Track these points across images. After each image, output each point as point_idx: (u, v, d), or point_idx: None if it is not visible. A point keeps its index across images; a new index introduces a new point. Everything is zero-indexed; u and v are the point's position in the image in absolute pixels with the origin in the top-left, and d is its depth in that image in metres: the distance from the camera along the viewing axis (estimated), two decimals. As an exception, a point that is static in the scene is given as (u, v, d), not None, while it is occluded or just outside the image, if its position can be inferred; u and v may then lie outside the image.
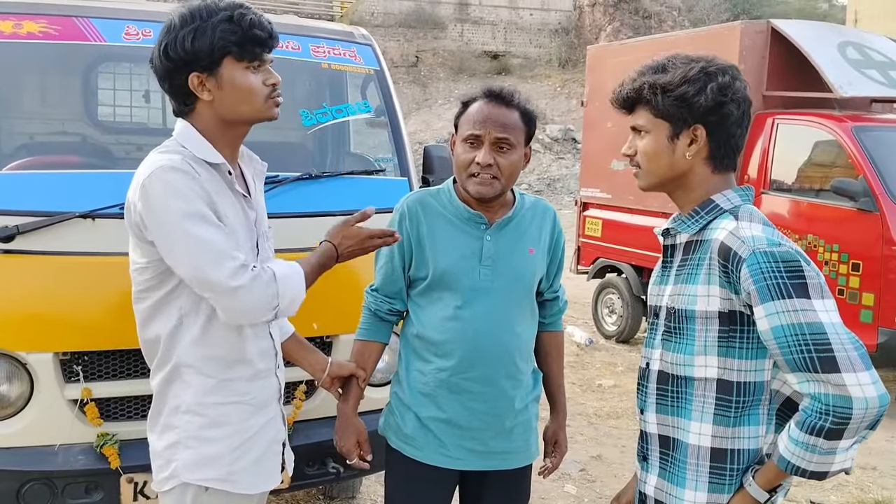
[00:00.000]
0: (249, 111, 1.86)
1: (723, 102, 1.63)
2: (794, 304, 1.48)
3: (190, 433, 1.87)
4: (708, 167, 1.69)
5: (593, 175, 8.01)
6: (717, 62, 1.67)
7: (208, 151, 1.84)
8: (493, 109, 2.11)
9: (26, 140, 3.23)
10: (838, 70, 6.21)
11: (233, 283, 1.72)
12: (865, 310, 5.61)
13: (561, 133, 24.35)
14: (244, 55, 1.81)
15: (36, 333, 2.50)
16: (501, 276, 2.15)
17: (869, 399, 1.43)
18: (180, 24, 1.79)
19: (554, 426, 2.39)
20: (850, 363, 1.44)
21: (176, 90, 1.83)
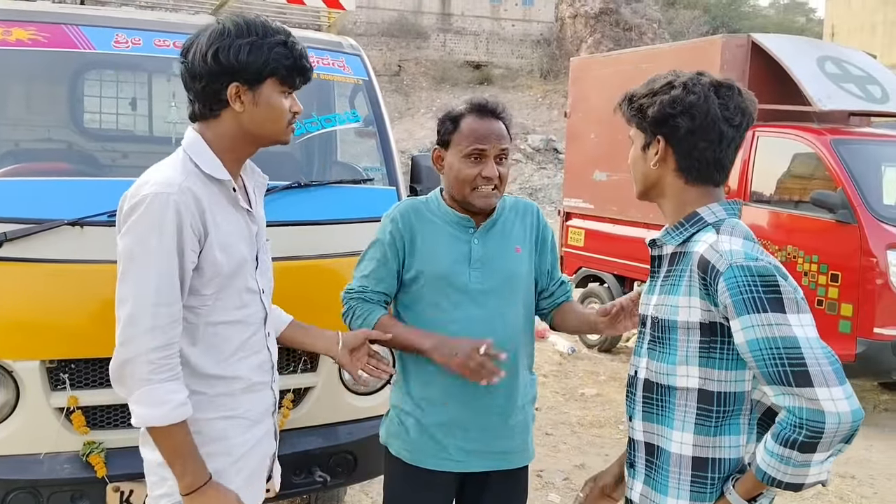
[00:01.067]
0: (272, 131, 1.90)
1: (671, 114, 1.66)
2: (770, 318, 1.51)
3: None
4: (679, 179, 1.72)
5: (576, 185, 8.08)
6: (689, 77, 1.69)
7: (216, 167, 1.85)
8: (491, 124, 2.19)
9: (12, 147, 3.20)
10: (817, 84, 6.31)
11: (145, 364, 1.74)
12: (844, 320, 5.69)
13: (542, 143, 24.49)
14: (288, 80, 1.87)
15: (22, 341, 2.48)
16: (492, 277, 2.19)
17: (842, 414, 1.44)
18: (236, 34, 1.80)
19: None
20: (824, 377, 1.46)
21: (209, 94, 1.83)
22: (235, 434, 1.92)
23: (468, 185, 2.17)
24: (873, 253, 5.57)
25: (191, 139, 1.87)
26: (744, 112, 1.69)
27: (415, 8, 31.12)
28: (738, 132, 1.69)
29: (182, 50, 1.86)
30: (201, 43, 1.81)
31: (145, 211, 1.74)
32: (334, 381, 2.91)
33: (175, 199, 1.74)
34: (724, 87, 1.68)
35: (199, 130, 1.88)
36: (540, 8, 34.39)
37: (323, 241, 2.88)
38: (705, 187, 1.72)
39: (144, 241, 1.74)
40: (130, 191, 1.80)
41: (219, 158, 1.87)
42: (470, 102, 2.22)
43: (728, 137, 1.68)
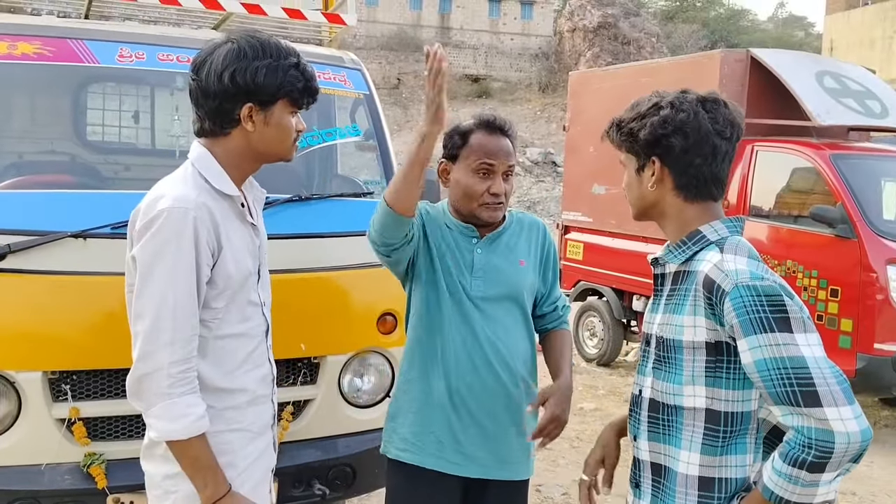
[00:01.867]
0: (279, 150, 1.93)
1: (663, 135, 1.67)
2: (777, 338, 1.50)
3: None
4: (678, 197, 1.72)
5: (575, 199, 8.10)
6: (674, 96, 1.71)
7: (226, 183, 1.88)
8: (500, 140, 2.24)
9: (16, 159, 3.22)
10: (816, 99, 6.34)
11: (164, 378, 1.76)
12: (844, 335, 5.69)
13: (541, 156, 24.57)
14: (298, 102, 1.91)
15: (25, 352, 2.49)
16: (494, 287, 2.23)
17: (851, 434, 1.44)
18: (252, 56, 1.82)
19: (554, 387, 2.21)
20: (833, 397, 1.46)
21: (221, 112, 1.85)
22: (241, 446, 1.94)
23: (475, 200, 2.21)
24: (873, 268, 5.57)
25: (199, 154, 1.89)
26: (733, 124, 1.70)
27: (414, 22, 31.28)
28: (730, 144, 1.70)
29: (193, 66, 1.88)
30: (216, 62, 1.83)
31: (162, 225, 1.75)
32: (333, 393, 2.92)
33: (192, 213, 1.77)
34: (711, 102, 1.69)
35: (207, 146, 1.90)
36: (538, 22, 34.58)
37: (323, 254, 2.90)
38: (705, 203, 1.72)
39: (162, 255, 1.75)
40: (144, 206, 1.82)
41: (227, 174, 1.89)
42: (479, 118, 2.26)
43: (722, 151, 1.68)
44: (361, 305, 2.96)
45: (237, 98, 1.83)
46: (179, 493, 1.87)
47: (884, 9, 23.75)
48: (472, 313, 2.21)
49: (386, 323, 2.98)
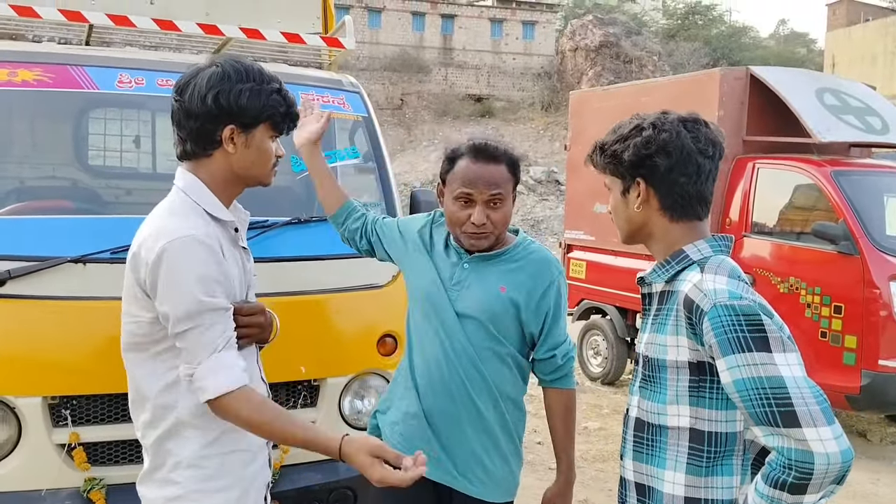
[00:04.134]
0: (258, 173, 1.95)
1: (647, 155, 1.69)
2: (755, 357, 1.49)
3: (193, 487, 1.87)
4: (664, 217, 1.73)
5: (577, 217, 8.11)
6: (655, 117, 1.73)
7: (219, 209, 1.90)
8: (482, 168, 2.18)
9: (17, 185, 3.24)
10: (817, 116, 6.35)
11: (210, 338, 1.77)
12: (848, 352, 5.65)
13: (544, 175, 24.60)
14: (279, 126, 1.94)
15: (25, 377, 2.49)
16: (464, 305, 2.22)
17: (831, 455, 1.42)
18: (236, 79, 1.85)
19: (554, 489, 2.35)
20: (812, 418, 1.44)
21: (203, 134, 1.86)
22: (243, 466, 1.95)
23: (457, 227, 2.22)
24: (876, 284, 5.55)
25: (188, 182, 1.90)
26: (714, 143, 1.71)
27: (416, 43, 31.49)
28: (713, 163, 1.71)
29: (176, 88, 1.90)
30: (200, 84, 1.85)
31: (175, 256, 1.75)
32: (334, 415, 2.92)
33: (203, 240, 1.78)
34: (691, 122, 1.71)
35: (191, 170, 1.91)
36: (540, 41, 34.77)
37: (324, 276, 2.91)
38: (690, 222, 1.73)
39: (184, 283, 1.75)
40: (142, 248, 1.79)
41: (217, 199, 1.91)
42: (469, 144, 2.23)
43: (705, 169, 1.70)
44: (361, 327, 2.97)
45: (220, 119, 1.84)
46: None
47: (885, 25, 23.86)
48: (446, 323, 2.22)
49: (386, 344, 2.98)
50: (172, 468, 1.88)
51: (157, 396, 1.86)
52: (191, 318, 1.73)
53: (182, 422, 1.86)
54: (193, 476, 1.87)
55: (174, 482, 1.87)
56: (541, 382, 2.36)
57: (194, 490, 1.87)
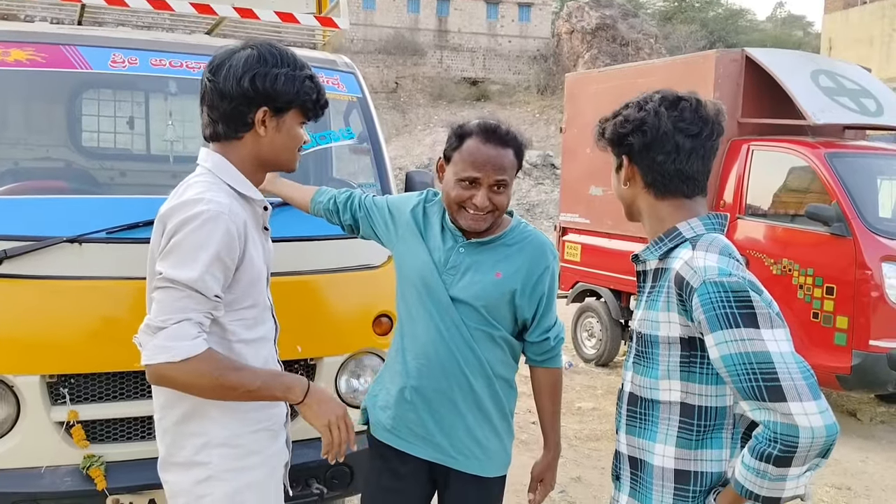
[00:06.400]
0: (286, 158, 1.99)
1: (622, 134, 1.74)
2: (742, 333, 1.52)
3: (225, 466, 1.89)
4: (649, 195, 1.76)
5: (572, 200, 8.12)
6: (643, 96, 1.76)
7: (248, 187, 1.92)
8: (492, 151, 2.15)
9: (11, 166, 3.24)
10: (811, 97, 6.36)
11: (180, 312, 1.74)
12: (840, 333, 5.70)
13: (540, 159, 24.56)
14: (310, 113, 1.97)
15: (23, 356, 2.51)
16: (458, 289, 2.22)
17: (815, 428, 1.45)
18: (272, 63, 1.86)
19: (542, 464, 2.40)
20: (797, 392, 1.47)
21: (236, 116, 1.88)
22: (268, 445, 1.98)
23: (456, 206, 2.20)
24: (868, 266, 5.58)
25: (216, 161, 1.91)
26: (705, 121, 1.71)
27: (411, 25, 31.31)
28: (698, 141, 1.71)
29: (210, 68, 1.90)
30: (235, 66, 1.86)
31: (199, 226, 1.76)
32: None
33: (226, 218, 1.79)
34: (683, 101, 1.72)
35: (220, 152, 1.92)
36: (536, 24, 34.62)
37: (319, 256, 2.92)
38: (676, 200, 1.75)
39: (194, 255, 1.75)
40: (176, 208, 1.80)
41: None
42: (480, 124, 2.19)
43: (686, 148, 1.70)
44: (357, 307, 2.99)
45: (254, 102, 1.86)
46: (215, 495, 1.89)
47: (882, 7, 23.77)
48: (440, 306, 2.22)
49: (381, 324, 3.00)
50: (199, 449, 1.89)
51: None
52: (181, 284, 1.72)
53: (207, 401, 1.86)
54: (225, 455, 1.89)
55: (202, 463, 1.89)
56: (529, 361, 2.38)
57: (225, 469, 1.89)
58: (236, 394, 1.80)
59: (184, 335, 1.71)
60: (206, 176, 1.88)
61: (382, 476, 2.35)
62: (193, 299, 1.73)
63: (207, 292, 1.75)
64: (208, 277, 1.74)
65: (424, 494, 2.36)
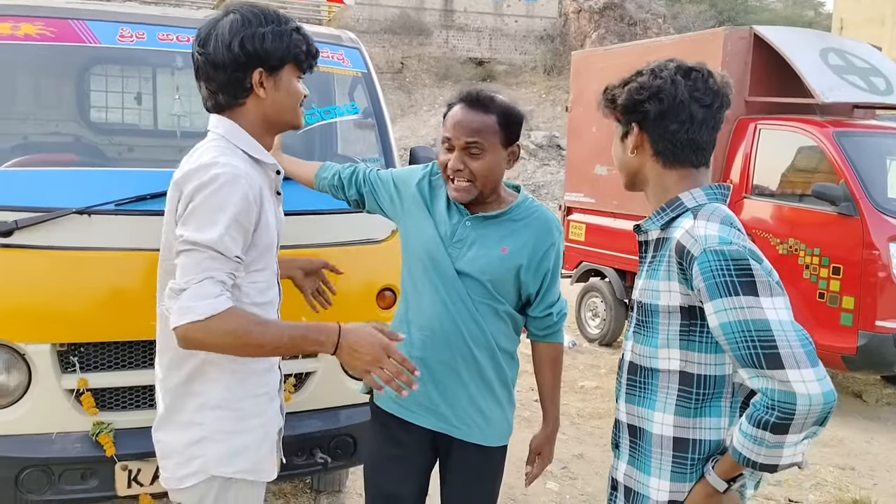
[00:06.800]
0: (290, 116, 1.98)
1: (638, 100, 1.73)
2: (741, 301, 1.53)
3: (219, 428, 1.91)
4: (657, 163, 1.77)
5: (577, 180, 8.10)
6: (657, 64, 1.76)
7: (261, 151, 1.93)
8: (467, 115, 2.18)
9: (21, 140, 3.27)
10: (820, 76, 6.30)
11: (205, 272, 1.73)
12: (846, 313, 5.69)
13: (546, 140, 24.45)
14: (303, 66, 1.96)
15: (34, 325, 2.55)
16: (464, 263, 2.23)
17: (813, 396, 1.46)
18: (257, 23, 1.86)
19: (541, 437, 2.43)
20: (795, 360, 1.48)
21: (233, 82, 1.88)
22: (265, 409, 2.00)
23: (443, 173, 2.24)
24: (875, 246, 5.57)
25: (227, 127, 1.91)
26: (716, 93, 1.72)
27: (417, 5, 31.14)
28: (710, 112, 1.72)
29: (198, 41, 1.90)
30: (222, 33, 1.86)
31: (221, 186, 1.76)
32: (335, 366, 2.97)
33: (244, 182, 1.79)
34: (695, 71, 1.73)
35: (229, 119, 1.92)
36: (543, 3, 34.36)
37: (324, 230, 2.94)
38: (683, 169, 1.76)
39: (213, 217, 1.75)
40: (192, 172, 1.80)
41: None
42: (462, 92, 2.25)
43: (699, 118, 1.71)
44: (361, 281, 3.01)
45: (247, 65, 1.86)
46: (207, 456, 1.91)
47: (894, -13, 23.53)
48: (446, 279, 2.24)
49: (385, 298, 3.03)
50: (197, 409, 1.91)
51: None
52: (202, 246, 1.72)
53: (211, 361, 1.88)
54: (219, 417, 1.91)
55: (198, 423, 1.91)
56: (530, 336, 2.41)
57: (219, 431, 1.91)
58: (264, 350, 1.79)
59: (206, 294, 1.70)
60: (219, 141, 1.89)
61: (385, 444, 2.38)
62: (215, 260, 1.73)
63: (228, 252, 1.75)
64: (227, 239, 1.74)
65: (427, 463, 2.39)
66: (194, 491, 1.93)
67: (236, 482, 1.94)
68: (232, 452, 1.92)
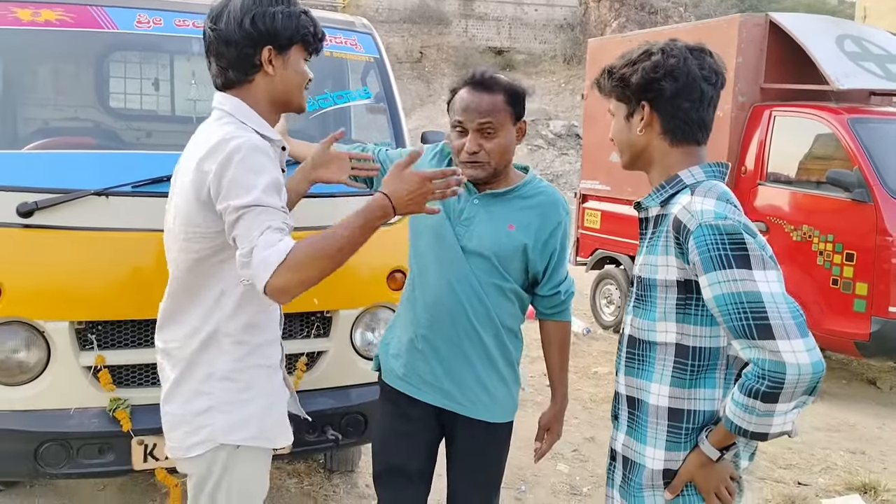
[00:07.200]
0: (296, 97, 2.04)
1: (654, 79, 1.75)
2: (735, 274, 1.57)
3: (225, 398, 1.98)
4: (664, 141, 1.80)
5: (593, 167, 8.10)
6: (664, 43, 1.79)
7: (268, 129, 1.98)
8: (476, 97, 2.23)
9: (41, 125, 3.35)
10: (835, 62, 6.27)
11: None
12: (859, 299, 5.68)
13: (564, 129, 24.33)
14: (310, 47, 2.02)
15: (53, 303, 2.63)
16: (472, 240, 2.28)
17: (802, 365, 1.51)
18: (268, 3, 1.93)
19: (549, 414, 2.49)
20: (785, 330, 1.52)
21: (242, 59, 1.93)
22: (269, 380, 2.07)
23: (457, 156, 2.28)
24: (889, 232, 5.54)
25: (234, 104, 1.96)
26: (717, 72, 1.78)
27: (437, -6, 31.05)
28: (715, 91, 1.78)
29: (211, 17, 1.96)
30: (234, 11, 1.92)
31: (246, 154, 1.81)
32: (346, 346, 3.04)
33: (263, 148, 1.86)
34: (697, 50, 1.78)
35: (236, 97, 1.97)
36: (564, -8, 34.13)
37: (335, 212, 2.97)
38: (688, 147, 1.80)
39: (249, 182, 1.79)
40: (211, 151, 1.84)
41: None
42: (467, 74, 2.29)
43: (708, 96, 1.77)
44: (372, 262, 3.06)
45: (258, 42, 1.92)
46: (215, 425, 1.98)
47: (919, -25, 23.14)
48: (452, 257, 2.28)
49: (395, 279, 3.08)
50: (204, 379, 1.98)
51: (205, 308, 1.96)
52: (248, 207, 1.77)
53: (224, 332, 1.96)
54: (226, 388, 1.98)
55: (205, 393, 1.98)
56: (538, 315, 2.45)
57: (226, 401, 1.98)
58: (347, 251, 1.81)
59: (272, 241, 1.74)
60: (226, 118, 1.95)
61: (394, 420, 2.44)
62: (265, 213, 1.77)
63: (273, 205, 1.80)
64: (267, 195, 1.79)
65: (434, 438, 2.45)
66: (202, 460, 2.00)
67: (243, 450, 2.01)
68: (238, 421, 1.99)
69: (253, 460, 2.05)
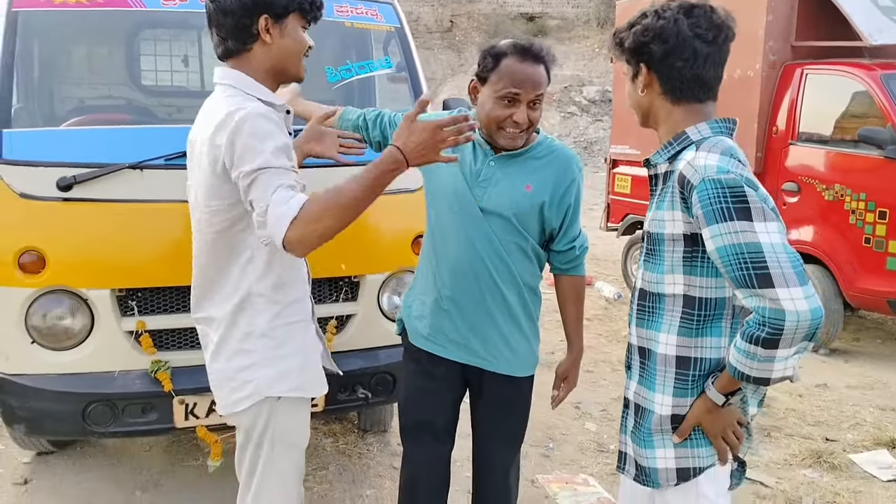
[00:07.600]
0: (294, 65, 2.10)
1: (644, 42, 1.81)
2: (735, 226, 1.63)
3: (265, 354, 2.11)
4: (666, 101, 1.85)
5: (623, 132, 8.04)
6: (661, 4, 1.83)
7: (271, 95, 2.06)
8: (530, 68, 2.27)
9: (77, 104, 3.48)
10: (869, 17, 6.14)
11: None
12: (892, 258, 5.61)
13: (598, 94, 24.03)
14: (308, 15, 2.07)
15: (94, 272, 2.77)
16: (490, 201, 2.34)
17: (801, 312, 1.57)
18: None
19: (566, 363, 2.58)
20: (785, 279, 1.58)
21: (240, 28, 2.00)
22: (303, 335, 2.19)
23: (496, 124, 2.31)
24: (923, 189, 5.49)
25: (235, 76, 2.04)
26: (720, 27, 1.81)
27: (467, -39, 30.72)
28: (713, 47, 1.81)
29: None
30: None
31: (251, 125, 1.89)
32: (373, 309, 3.14)
33: (268, 115, 1.94)
34: (697, 8, 1.81)
35: (235, 68, 2.06)
36: (596, -45, 33.50)
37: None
38: (690, 105, 1.85)
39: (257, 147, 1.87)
40: (220, 125, 1.91)
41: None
42: (514, 43, 2.29)
43: (702, 53, 1.80)
44: (397, 228, 3.16)
45: (253, 11, 1.98)
46: (258, 380, 2.11)
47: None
48: (472, 218, 2.35)
49: (420, 244, 3.16)
50: (243, 338, 2.10)
51: (235, 276, 2.07)
52: (259, 169, 1.86)
53: (256, 293, 2.07)
54: (265, 345, 2.11)
55: (246, 351, 2.10)
56: (553, 270, 2.53)
57: (265, 358, 2.11)
58: (361, 201, 1.87)
59: (285, 198, 1.83)
60: (229, 90, 2.02)
61: (418, 378, 2.54)
62: (276, 173, 1.86)
63: (283, 165, 1.88)
64: (276, 158, 1.88)
65: (457, 395, 2.56)
66: (249, 412, 2.13)
67: (284, 401, 2.14)
68: (278, 375, 2.12)
69: (294, 411, 2.18)
